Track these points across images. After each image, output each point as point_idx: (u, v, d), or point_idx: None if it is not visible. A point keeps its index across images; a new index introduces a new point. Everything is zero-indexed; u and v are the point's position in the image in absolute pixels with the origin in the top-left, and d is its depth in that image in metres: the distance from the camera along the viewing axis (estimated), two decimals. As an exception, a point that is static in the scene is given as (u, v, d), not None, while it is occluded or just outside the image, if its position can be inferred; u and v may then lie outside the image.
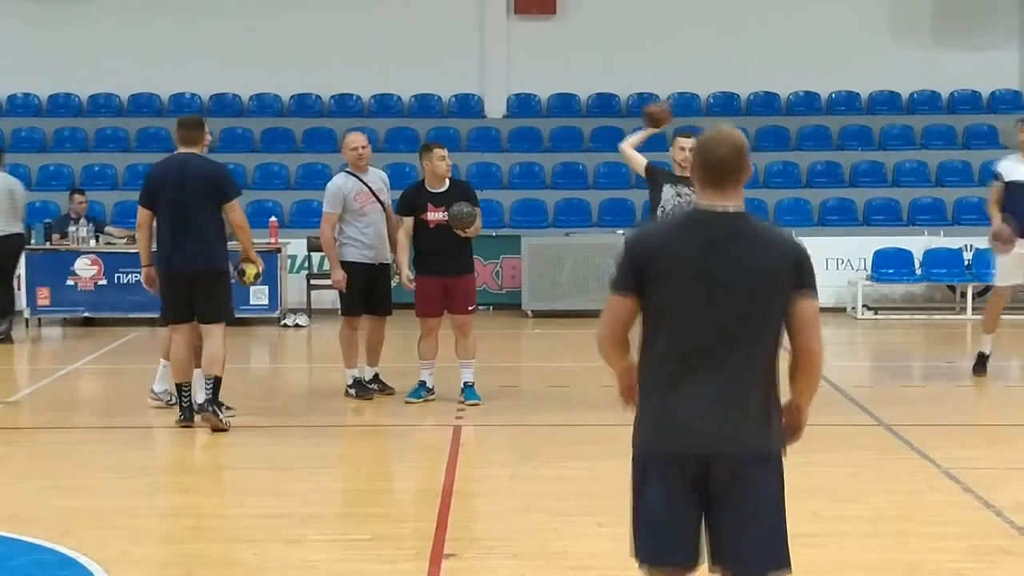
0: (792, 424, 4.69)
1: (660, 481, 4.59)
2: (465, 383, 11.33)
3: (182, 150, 10.34)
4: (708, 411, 4.51)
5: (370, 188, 11.44)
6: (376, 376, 11.84)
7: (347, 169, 11.57)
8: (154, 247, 10.35)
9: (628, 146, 11.07)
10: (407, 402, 11.28)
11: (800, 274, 4.54)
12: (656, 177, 10.90)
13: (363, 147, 11.53)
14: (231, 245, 10.49)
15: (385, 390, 11.76)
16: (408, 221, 11.20)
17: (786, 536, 4.64)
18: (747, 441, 4.52)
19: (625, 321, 4.65)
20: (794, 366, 4.64)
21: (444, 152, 11.26)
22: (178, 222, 10.17)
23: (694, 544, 4.62)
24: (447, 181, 11.20)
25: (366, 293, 11.47)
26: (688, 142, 10.72)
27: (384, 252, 11.50)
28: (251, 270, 10.78)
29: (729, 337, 4.49)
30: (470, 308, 11.26)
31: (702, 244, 4.51)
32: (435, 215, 11.10)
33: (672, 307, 4.53)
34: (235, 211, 10.33)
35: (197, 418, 10.35)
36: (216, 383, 10.37)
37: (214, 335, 10.40)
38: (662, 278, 4.53)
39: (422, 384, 11.40)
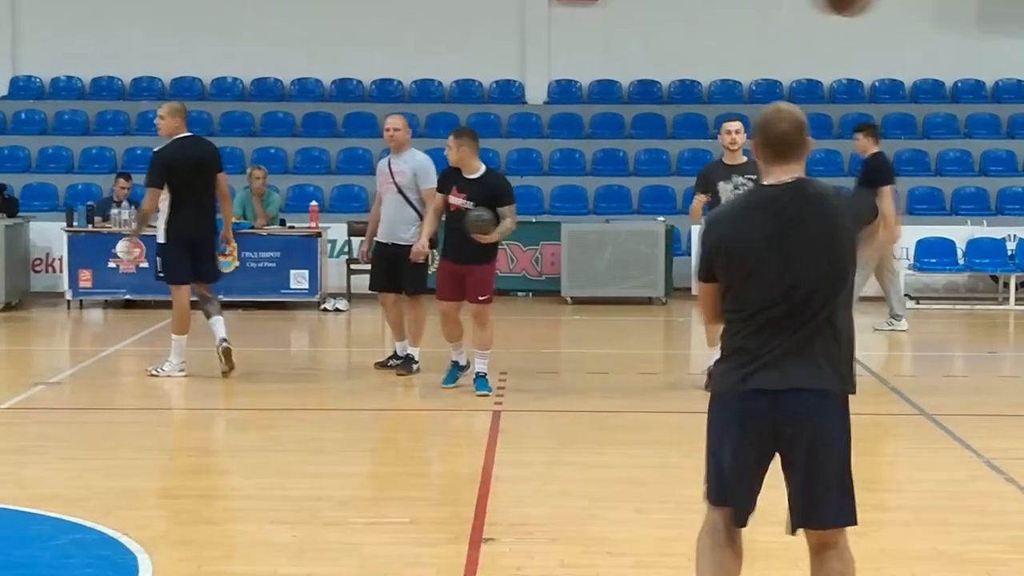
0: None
1: (737, 418, 4.76)
2: (477, 374, 11.16)
3: None
4: (784, 358, 4.69)
5: (391, 170, 11.66)
6: (394, 353, 12.04)
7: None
8: None
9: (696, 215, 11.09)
10: (443, 387, 11.26)
11: (859, 215, 4.81)
12: (708, 181, 10.92)
13: (394, 129, 11.88)
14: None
15: (393, 366, 11.97)
16: (439, 198, 11.17)
17: (853, 490, 4.80)
18: (818, 380, 4.70)
19: (717, 302, 4.90)
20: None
21: (450, 142, 11.01)
22: None
23: (754, 490, 4.81)
24: (480, 169, 10.99)
25: (385, 271, 11.71)
26: (733, 125, 10.90)
27: (397, 233, 11.59)
28: None
29: (806, 297, 4.68)
30: (481, 298, 10.94)
31: (771, 218, 4.69)
32: (455, 199, 10.91)
33: (750, 278, 4.72)
34: None
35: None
36: None
37: None
38: (739, 257, 4.73)
39: (455, 364, 11.35)
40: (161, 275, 11.86)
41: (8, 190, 18.01)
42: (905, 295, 17.70)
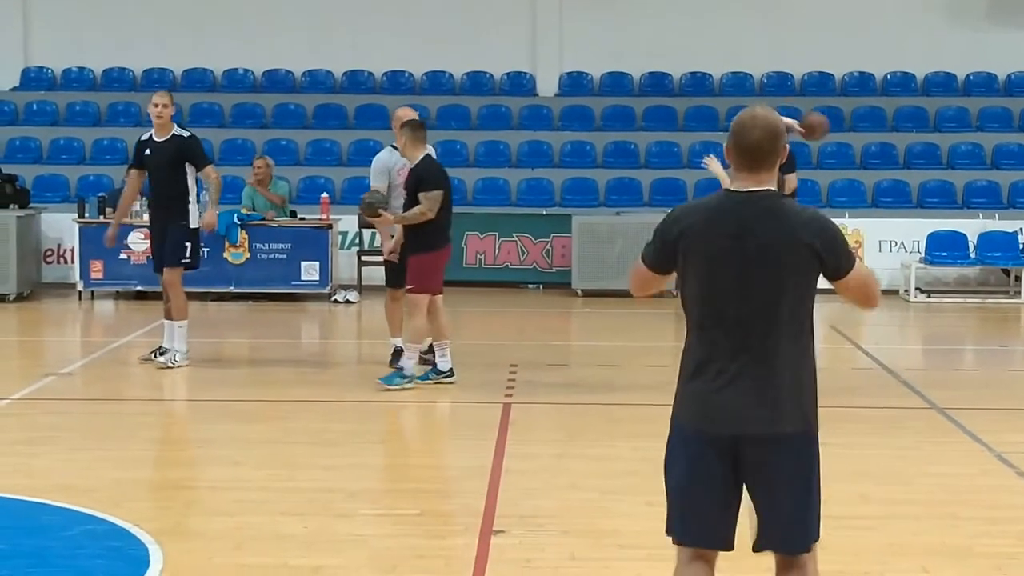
0: None
1: (691, 461, 4.60)
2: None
3: None
4: (740, 391, 4.51)
5: None
6: (397, 350, 11.92)
7: (394, 144, 11.67)
8: None
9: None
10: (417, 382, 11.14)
11: (836, 255, 4.52)
12: None
13: None
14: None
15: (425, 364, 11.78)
16: None
17: (818, 512, 4.61)
18: (778, 420, 4.50)
19: (647, 288, 4.83)
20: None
21: None
22: None
23: (725, 525, 4.59)
24: (418, 158, 10.88)
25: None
26: None
27: None
28: None
29: (760, 317, 4.50)
30: (409, 286, 10.89)
31: (733, 226, 4.51)
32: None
33: (706, 289, 4.57)
34: None
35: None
36: None
37: None
38: (695, 261, 4.57)
39: (433, 366, 11.30)
40: (188, 260, 11.76)
41: (20, 181, 18.04)
42: (916, 288, 17.71)
